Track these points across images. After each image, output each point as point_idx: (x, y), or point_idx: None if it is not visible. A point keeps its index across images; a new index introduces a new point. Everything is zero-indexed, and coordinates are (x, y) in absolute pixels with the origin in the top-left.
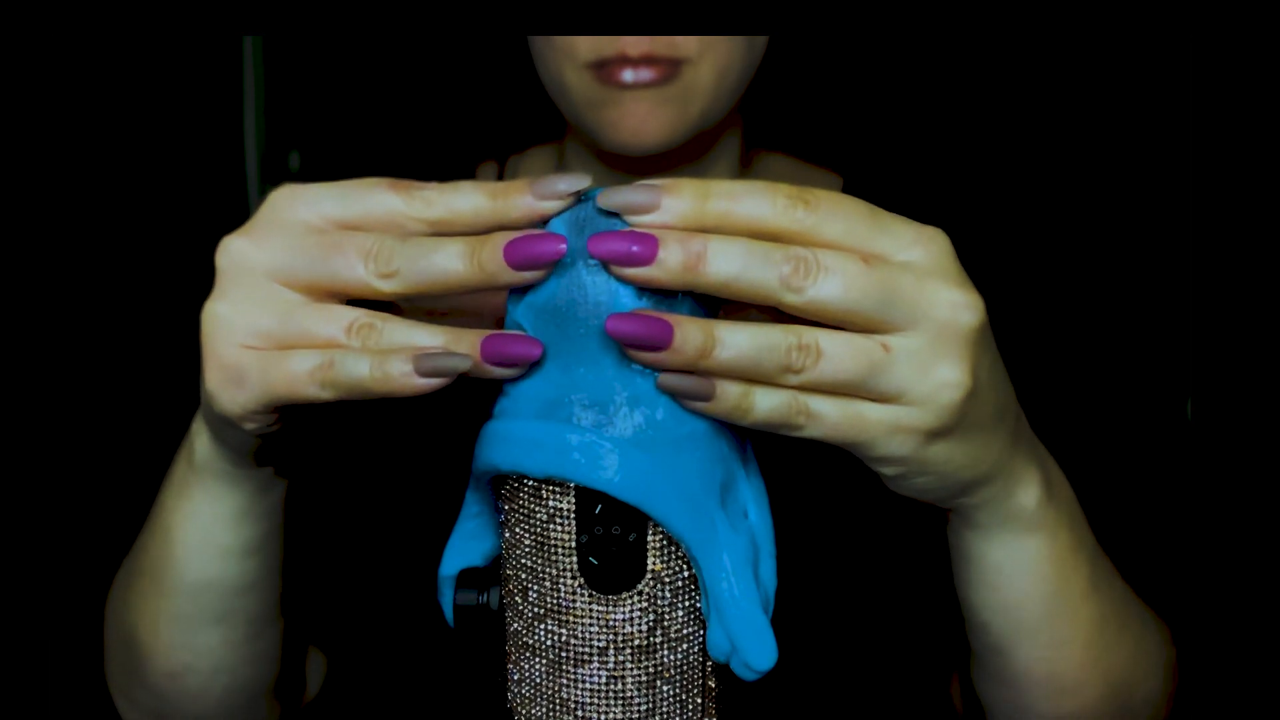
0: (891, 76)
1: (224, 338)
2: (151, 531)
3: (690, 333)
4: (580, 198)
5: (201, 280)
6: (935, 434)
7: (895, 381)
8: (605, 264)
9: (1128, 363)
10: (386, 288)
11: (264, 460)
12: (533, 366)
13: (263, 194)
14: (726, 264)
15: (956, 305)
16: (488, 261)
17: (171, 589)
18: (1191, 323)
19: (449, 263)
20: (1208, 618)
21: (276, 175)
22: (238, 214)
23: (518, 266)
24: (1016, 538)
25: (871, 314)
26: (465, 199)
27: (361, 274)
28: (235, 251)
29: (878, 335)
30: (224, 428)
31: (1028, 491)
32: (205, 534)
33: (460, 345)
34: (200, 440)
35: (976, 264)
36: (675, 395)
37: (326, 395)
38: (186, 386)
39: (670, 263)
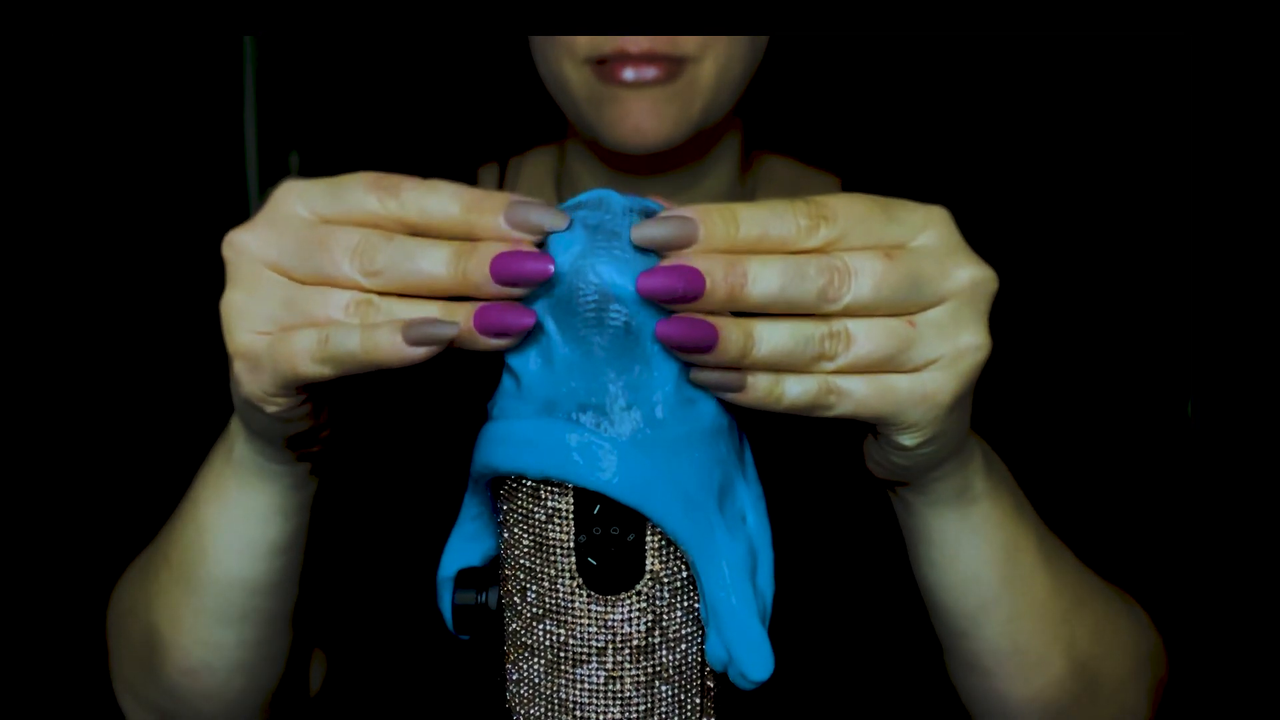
0: (890, 78)
1: (240, 326)
2: (181, 526)
3: (732, 333)
4: (596, 203)
5: (201, 280)
6: (958, 397)
7: (923, 352)
8: (653, 299)
9: (1129, 362)
10: (372, 285)
11: (298, 453)
12: (526, 337)
13: (263, 194)
14: (767, 286)
15: (974, 278)
16: (473, 273)
17: (198, 583)
18: (1192, 323)
19: (433, 268)
20: (1209, 615)
21: (276, 175)
22: (238, 214)
23: (502, 283)
24: (969, 507)
25: (902, 302)
26: (438, 203)
27: (347, 271)
28: (238, 244)
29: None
30: (252, 414)
31: (974, 459)
32: (238, 529)
33: (454, 316)
34: (238, 437)
35: None
36: (708, 389)
37: (327, 371)
38: (186, 385)
39: (717, 295)
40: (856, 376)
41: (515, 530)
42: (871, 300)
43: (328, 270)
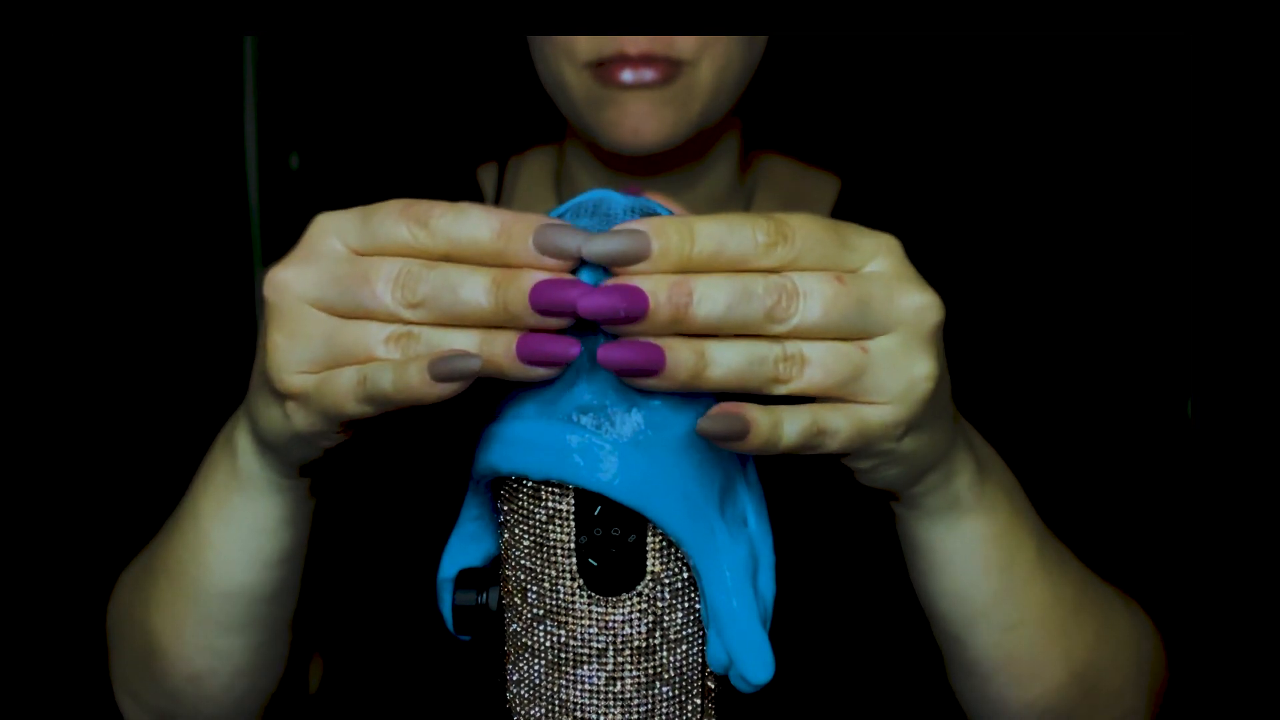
0: (890, 77)
1: (286, 368)
2: (180, 537)
3: (682, 355)
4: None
5: (202, 282)
6: (910, 427)
7: (875, 381)
8: (595, 320)
9: (1129, 362)
10: (414, 317)
11: (309, 473)
12: (569, 365)
13: (262, 194)
14: (713, 307)
15: (922, 307)
16: (512, 302)
17: (201, 594)
18: (1192, 323)
19: (475, 297)
20: (1209, 616)
21: (276, 175)
22: (238, 214)
23: (541, 312)
24: (958, 520)
25: (851, 327)
26: (467, 230)
27: (388, 303)
28: (279, 283)
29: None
30: (298, 445)
31: (963, 473)
32: (243, 542)
33: (495, 347)
34: (245, 452)
35: (977, 264)
36: (713, 439)
37: (369, 410)
38: (183, 384)
39: (661, 316)
40: (834, 413)
41: (516, 531)
42: (820, 323)
43: (368, 304)
